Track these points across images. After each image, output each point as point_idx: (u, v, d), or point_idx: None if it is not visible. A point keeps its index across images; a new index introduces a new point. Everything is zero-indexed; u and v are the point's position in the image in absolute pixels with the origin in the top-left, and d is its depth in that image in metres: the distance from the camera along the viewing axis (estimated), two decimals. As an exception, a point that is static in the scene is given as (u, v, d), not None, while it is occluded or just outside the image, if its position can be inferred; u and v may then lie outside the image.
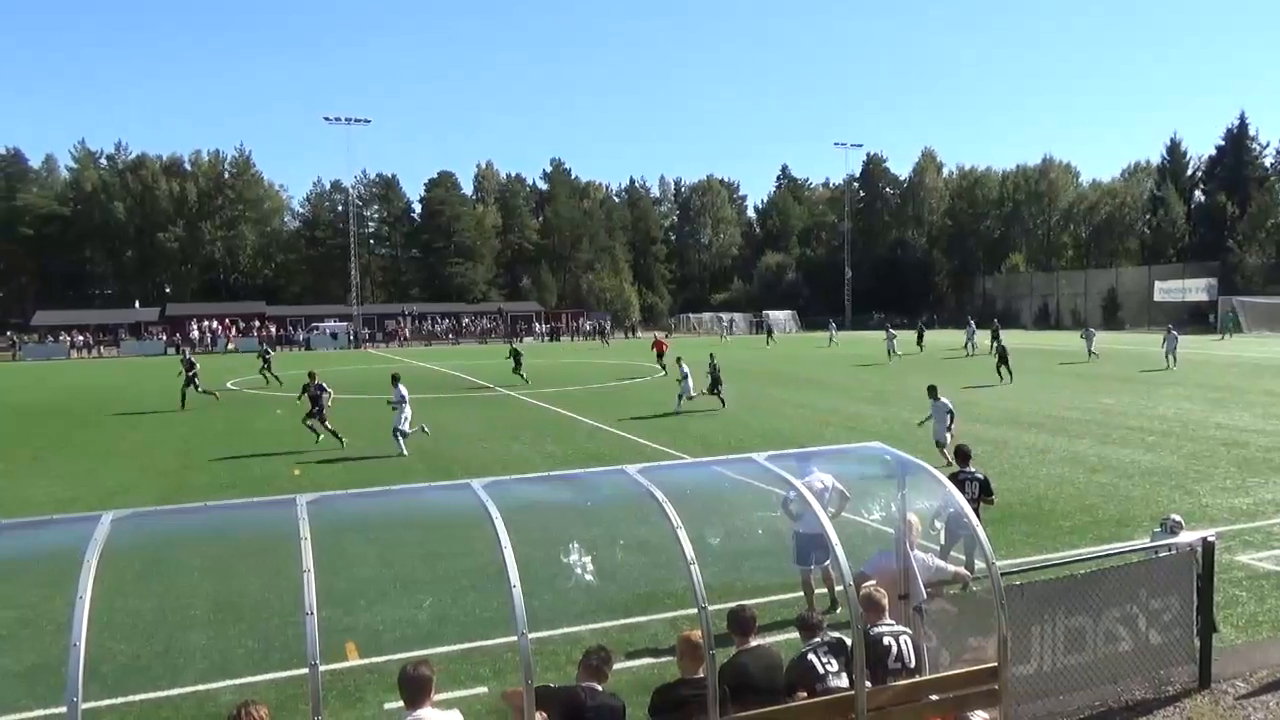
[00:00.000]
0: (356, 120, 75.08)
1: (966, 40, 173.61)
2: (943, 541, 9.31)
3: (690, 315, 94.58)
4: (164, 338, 70.73)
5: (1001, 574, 5.95)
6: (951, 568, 7.67)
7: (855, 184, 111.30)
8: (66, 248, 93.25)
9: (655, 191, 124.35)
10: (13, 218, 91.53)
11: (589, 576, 7.60)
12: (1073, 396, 27.44)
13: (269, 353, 41.27)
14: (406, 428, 19.90)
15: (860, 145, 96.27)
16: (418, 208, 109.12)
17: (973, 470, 9.99)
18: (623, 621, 8.93)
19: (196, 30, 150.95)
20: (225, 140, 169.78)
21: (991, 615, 5.87)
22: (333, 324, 77.14)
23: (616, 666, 7.67)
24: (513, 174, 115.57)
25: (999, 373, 32.01)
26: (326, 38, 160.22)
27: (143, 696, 7.46)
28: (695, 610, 5.12)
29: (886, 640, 5.88)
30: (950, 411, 16.42)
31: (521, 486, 6.45)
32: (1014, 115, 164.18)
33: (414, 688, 4.83)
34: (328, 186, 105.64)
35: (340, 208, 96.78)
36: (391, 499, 7.22)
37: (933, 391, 17.03)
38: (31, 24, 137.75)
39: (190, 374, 29.54)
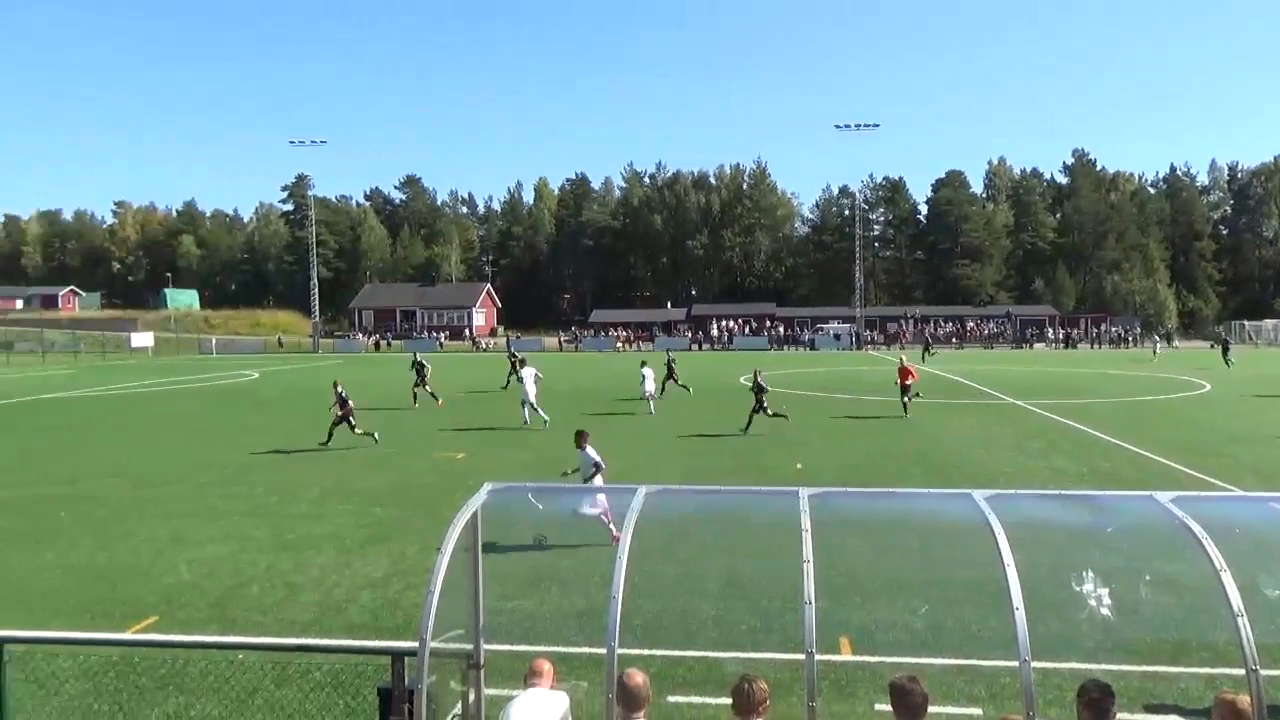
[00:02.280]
0: (865, 126, 76.39)
1: None
2: None
3: (1246, 322, 79.71)
4: (689, 335, 79.22)
5: None
6: None
7: None
8: (617, 256, 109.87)
9: (1203, 179, 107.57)
10: (579, 231, 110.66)
11: (1104, 610, 6.87)
12: None
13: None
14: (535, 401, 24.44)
15: None
16: (923, 209, 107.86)
17: None
18: (1145, 668, 7.89)
19: (724, 59, 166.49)
20: (745, 153, 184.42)
21: None
22: (836, 325, 79.56)
23: (1135, 718, 6.84)
24: (1028, 169, 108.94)
25: None
26: (836, 50, 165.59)
27: (662, 652, 8.40)
28: (1243, 671, 4.34)
29: None
30: (596, 464, 12.60)
31: (1029, 502, 6.04)
32: None
33: (914, 705, 4.62)
34: (835, 192, 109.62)
35: (847, 212, 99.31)
36: (890, 501, 7.27)
37: (579, 439, 12.98)
38: (595, 74, 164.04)
39: (421, 375, 29.96)
